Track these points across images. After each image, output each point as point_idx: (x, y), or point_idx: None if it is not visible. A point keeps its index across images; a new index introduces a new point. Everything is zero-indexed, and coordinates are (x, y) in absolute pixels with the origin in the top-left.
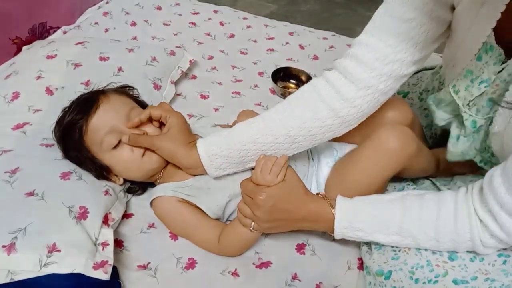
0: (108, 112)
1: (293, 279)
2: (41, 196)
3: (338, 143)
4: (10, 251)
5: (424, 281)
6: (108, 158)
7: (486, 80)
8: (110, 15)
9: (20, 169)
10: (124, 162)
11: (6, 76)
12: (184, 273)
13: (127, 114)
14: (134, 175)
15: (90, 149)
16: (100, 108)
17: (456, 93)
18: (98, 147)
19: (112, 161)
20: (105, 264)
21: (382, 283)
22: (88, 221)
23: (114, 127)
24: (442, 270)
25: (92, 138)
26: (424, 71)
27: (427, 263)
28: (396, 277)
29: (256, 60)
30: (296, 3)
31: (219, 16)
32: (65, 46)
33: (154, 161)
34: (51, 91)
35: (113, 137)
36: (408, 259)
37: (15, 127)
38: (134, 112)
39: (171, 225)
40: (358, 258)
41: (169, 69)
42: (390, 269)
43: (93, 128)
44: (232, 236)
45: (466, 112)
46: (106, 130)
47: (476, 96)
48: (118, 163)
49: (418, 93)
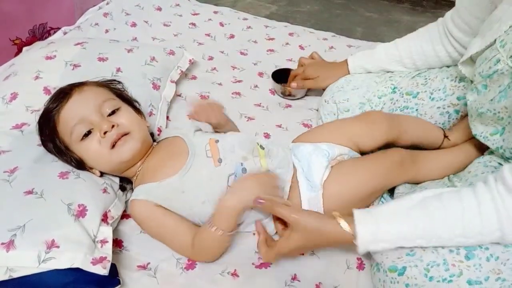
0: (78, 103)
1: (292, 280)
2: (40, 194)
3: (326, 144)
4: (9, 248)
5: (438, 279)
6: (79, 149)
7: None
8: (110, 15)
9: (19, 168)
10: (93, 154)
11: (5, 77)
12: (184, 273)
13: (99, 105)
14: (104, 167)
15: (63, 140)
16: (72, 99)
17: (503, 47)
18: (69, 138)
19: (82, 153)
20: (104, 260)
21: (395, 279)
22: (86, 219)
23: (83, 118)
24: (457, 270)
25: (63, 129)
26: (430, 70)
27: (443, 262)
28: (410, 274)
29: (256, 60)
30: (296, 4)
31: (219, 16)
32: (64, 46)
33: (123, 155)
34: (49, 91)
35: (81, 128)
36: (424, 255)
37: (13, 127)
38: (107, 103)
39: (146, 229)
40: (357, 258)
41: (168, 69)
42: (404, 265)
43: (64, 119)
44: (205, 238)
45: (508, 64)
46: (75, 121)
47: None
48: (87, 155)
49: (428, 92)
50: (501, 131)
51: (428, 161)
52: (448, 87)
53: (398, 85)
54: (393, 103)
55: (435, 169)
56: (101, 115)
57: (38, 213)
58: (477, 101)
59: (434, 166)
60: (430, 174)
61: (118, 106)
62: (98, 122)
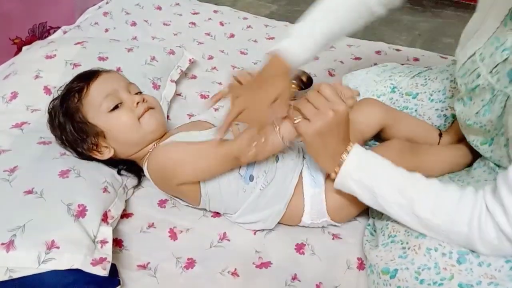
0: (108, 80)
1: (293, 279)
2: (40, 194)
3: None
4: (9, 248)
5: (429, 282)
6: (105, 121)
7: (509, 48)
8: (110, 15)
9: (19, 167)
10: (123, 123)
11: (5, 77)
12: (183, 273)
13: (127, 84)
14: (131, 137)
15: (87, 114)
16: (101, 76)
17: (482, 61)
18: (96, 110)
19: (110, 124)
20: (104, 261)
21: (387, 281)
22: (86, 219)
23: (114, 91)
24: (448, 274)
25: (91, 101)
26: (430, 70)
27: (434, 265)
28: (401, 276)
29: (256, 60)
30: (296, 3)
31: (219, 16)
32: (64, 46)
33: (152, 123)
34: (49, 90)
35: (112, 100)
36: (415, 258)
37: (13, 126)
38: (132, 86)
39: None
40: (357, 258)
41: (168, 69)
42: (396, 268)
43: (94, 91)
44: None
45: (488, 79)
46: (106, 93)
47: (499, 63)
48: (116, 125)
49: (428, 93)
50: (490, 141)
51: (429, 155)
52: (447, 89)
53: (397, 85)
54: (392, 103)
55: (435, 162)
56: (129, 92)
57: (38, 213)
58: (464, 112)
59: (435, 160)
60: (431, 168)
61: (140, 91)
62: (128, 97)
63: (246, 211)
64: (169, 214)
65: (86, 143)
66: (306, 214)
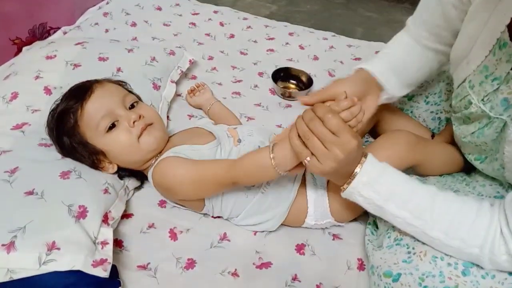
0: (103, 97)
1: (293, 280)
2: (41, 195)
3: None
4: (10, 249)
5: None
6: (104, 142)
7: (498, 78)
8: (110, 15)
9: (19, 168)
10: (121, 145)
11: (5, 77)
12: (184, 273)
13: (122, 98)
14: (131, 158)
15: (85, 134)
16: (95, 93)
17: (471, 88)
18: (94, 131)
19: (108, 145)
20: (104, 262)
21: (389, 284)
22: (87, 220)
23: (110, 110)
24: (453, 284)
25: (87, 123)
26: None
27: (439, 273)
28: (404, 281)
29: (256, 60)
30: (296, 4)
31: (219, 16)
32: (65, 46)
33: (151, 142)
34: (49, 90)
35: (109, 120)
36: (420, 265)
37: (14, 127)
38: (127, 98)
39: (181, 172)
40: (357, 258)
41: (168, 69)
42: (399, 272)
43: (89, 112)
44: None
45: (480, 107)
46: (102, 113)
47: (490, 92)
48: (115, 146)
49: (424, 96)
50: (483, 159)
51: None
52: (443, 91)
53: None
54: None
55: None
56: (124, 107)
57: (39, 214)
58: (460, 130)
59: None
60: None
61: (136, 100)
62: (124, 113)
63: (248, 214)
64: (169, 215)
65: (89, 159)
66: (309, 215)
